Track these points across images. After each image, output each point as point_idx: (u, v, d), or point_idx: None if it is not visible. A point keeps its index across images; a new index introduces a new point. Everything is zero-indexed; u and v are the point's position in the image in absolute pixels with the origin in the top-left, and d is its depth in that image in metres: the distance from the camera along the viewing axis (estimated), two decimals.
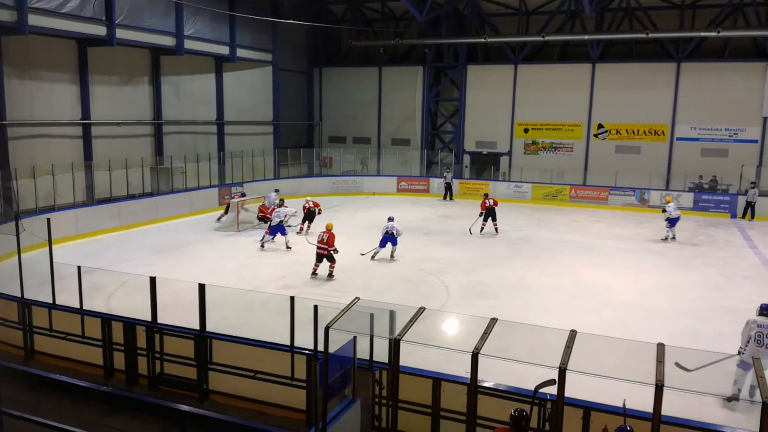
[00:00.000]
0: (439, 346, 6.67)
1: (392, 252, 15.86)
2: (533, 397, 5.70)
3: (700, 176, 25.94)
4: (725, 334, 10.61)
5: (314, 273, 14.14)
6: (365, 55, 32.84)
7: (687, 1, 26.24)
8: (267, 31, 27.86)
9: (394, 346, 6.34)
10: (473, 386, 5.96)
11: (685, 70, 26.64)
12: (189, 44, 22.99)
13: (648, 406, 5.23)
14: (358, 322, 6.66)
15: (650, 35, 25.37)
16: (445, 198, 27.53)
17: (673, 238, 18.72)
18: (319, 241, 14.03)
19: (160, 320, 8.40)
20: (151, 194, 21.53)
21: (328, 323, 6.03)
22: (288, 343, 7.64)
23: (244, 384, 7.88)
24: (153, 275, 8.54)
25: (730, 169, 25.77)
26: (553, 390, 5.51)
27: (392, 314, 6.72)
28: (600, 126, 28.37)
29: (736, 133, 26.31)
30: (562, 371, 5.31)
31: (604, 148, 28.33)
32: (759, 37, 25.11)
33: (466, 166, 30.58)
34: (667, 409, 5.33)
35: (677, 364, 7.57)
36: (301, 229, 19.06)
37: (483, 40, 27.91)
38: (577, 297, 12.81)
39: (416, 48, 31.17)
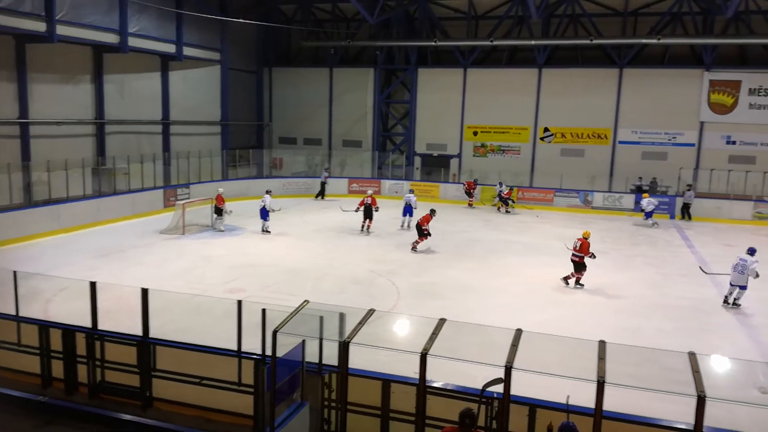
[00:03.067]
0: (389, 348, 6.66)
1: (408, 222, 19.90)
2: (480, 395, 5.76)
3: (640, 178, 26.91)
4: (664, 330, 11.05)
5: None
6: (316, 55, 32.70)
7: (629, 9, 27.20)
8: (215, 29, 27.38)
9: (343, 348, 6.30)
10: (422, 387, 5.99)
11: (627, 75, 27.62)
12: (133, 42, 22.34)
13: (590, 402, 5.36)
14: (307, 326, 6.59)
15: (594, 41, 26.17)
16: (317, 197, 27.27)
17: (655, 223, 22.36)
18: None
19: (101, 326, 8.10)
20: (92, 196, 20.78)
21: (276, 327, 5.95)
22: (235, 348, 7.49)
23: (190, 390, 7.67)
24: (94, 280, 8.23)
25: (669, 172, 26.86)
26: (500, 388, 5.58)
27: (342, 317, 6.68)
28: (546, 129, 29.09)
29: (675, 137, 27.44)
30: (508, 369, 5.39)
31: (550, 151, 29.06)
32: (696, 44, 26.26)
33: (417, 168, 30.82)
34: (610, 404, 5.51)
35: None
36: (363, 226, 19.90)
37: (433, 43, 28.23)
38: (524, 296, 13.08)
39: (367, 50, 31.28)
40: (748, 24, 25.39)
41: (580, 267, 13.91)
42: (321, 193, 27.35)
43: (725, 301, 12.76)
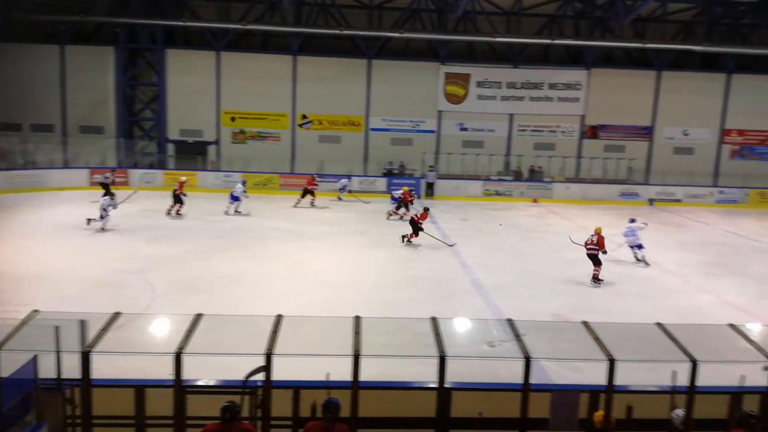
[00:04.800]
0: (138, 352, 6.19)
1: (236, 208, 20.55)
2: (243, 386, 5.63)
3: (390, 162, 28.98)
4: (416, 299, 12.03)
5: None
6: (44, 31, 28.56)
7: (375, 3, 28.84)
8: None
9: (83, 359, 5.62)
10: (178, 387, 5.62)
11: (376, 66, 29.36)
12: None
13: (351, 375, 5.56)
14: (41, 338, 5.76)
15: (344, 32, 27.24)
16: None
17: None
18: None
19: None
20: None
21: None
22: None
23: None
24: None
25: (415, 156, 29.37)
26: (263, 376, 5.51)
27: (82, 324, 5.93)
28: (304, 117, 29.60)
29: (418, 125, 30.04)
30: (269, 357, 5.33)
31: (309, 137, 29.67)
32: (432, 39, 28.95)
33: (171, 156, 29.01)
34: (371, 374, 5.78)
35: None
36: (394, 214, 21.31)
37: (182, 23, 26.67)
38: (290, 281, 13.14)
39: (106, 27, 28.24)
40: (474, 23, 28.77)
41: (597, 261, 13.85)
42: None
43: (637, 260, 15.67)
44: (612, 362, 5.42)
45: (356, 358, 5.37)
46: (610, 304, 12.26)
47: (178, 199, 20.63)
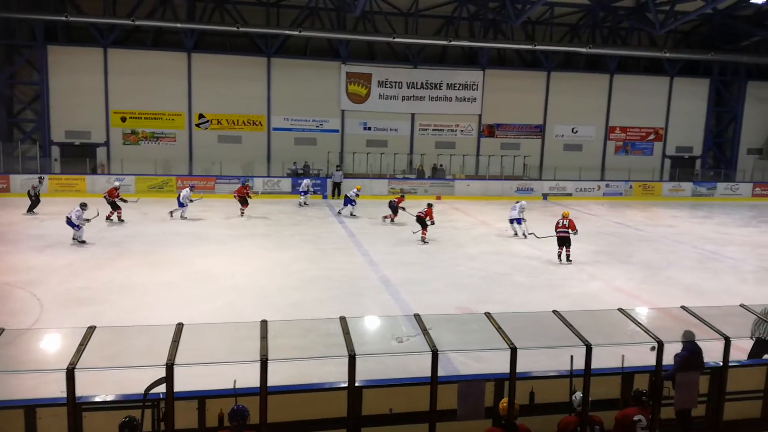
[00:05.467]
0: (26, 370, 5.71)
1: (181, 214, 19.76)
2: (143, 400, 5.33)
3: (295, 163, 28.64)
4: (322, 299, 11.94)
5: None
6: None
7: (272, 0, 28.34)
8: None
9: None
10: (72, 405, 5.23)
11: (276, 65, 28.89)
12: None
13: (258, 382, 5.41)
14: None
15: (241, 29, 26.57)
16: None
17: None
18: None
19: None
20: None
21: None
22: None
23: None
24: None
25: (320, 156, 29.20)
26: (165, 388, 5.24)
27: None
28: (201, 116, 28.61)
29: (322, 124, 29.90)
30: (170, 367, 5.07)
31: (207, 137, 28.72)
32: (332, 38, 28.88)
33: (56, 159, 27.06)
34: (280, 379, 5.65)
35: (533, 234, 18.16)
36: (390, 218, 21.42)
37: (64, 18, 24.91)
38: (192, 288, 12.63)
39: None
40: (373, 23, 29.00)
41: (569, 242, 15.68)
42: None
43: (516, 234, 18.91)
44: (514, 350, 5.61)
45: (263, 363, 5.23)
46: (511, 295, 12.77)
47: (114, 205, 19.68)
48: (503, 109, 31.47)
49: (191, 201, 20.81)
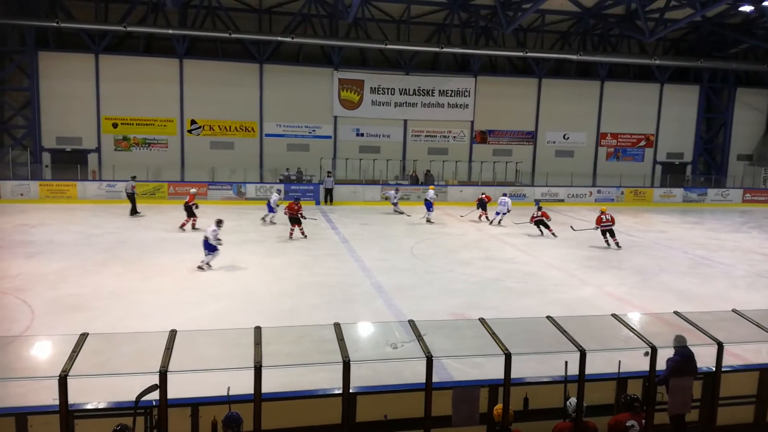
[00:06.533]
0: (17, 378, 5.65)
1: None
2: (135, 407, 5.28)
3: (287, 169, 28.60)
4: (316, 305, 11.90)
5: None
6: None
7: (264, 7, 28.36)
8: None
9: None
10: (64, 413, 5.18)
11: (268, 71, 28.88)
12: None
13: (252, 389, 5.37)
14: None
15: (233, 35, 26.58)
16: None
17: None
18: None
19: None
20: None
21: None
22: None
23: None
24: None
25: (312, 162, 29.18)
26: (158, 395, 5.20)
27: None
28: (193, 122, 28.55)
29: (314, 130, 29.90)
30: (163, 375, 5.03)
31: (199, 144, 28.64)
32: (325, 45, 28.91)
33: (47, 166, 26.90)
34: (274, 385, 5.62)
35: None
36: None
37: (55, 24, 24.84)
38: (182, 294, 12.56)
39: None
40: (365, 30, 29.07)
41: (612, 233, 18.46)
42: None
43: (491, 222, 22.35)
44: (508, 356, 5.61)
45: (257, 369, 5.19)
46: (504, 301, 12.77)
47: (190, 212, 19.81)
48: (495, 116, 31.60)
49: (278, 206, 21.24)
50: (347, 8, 23.93)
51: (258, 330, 5.67)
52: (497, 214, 22.48)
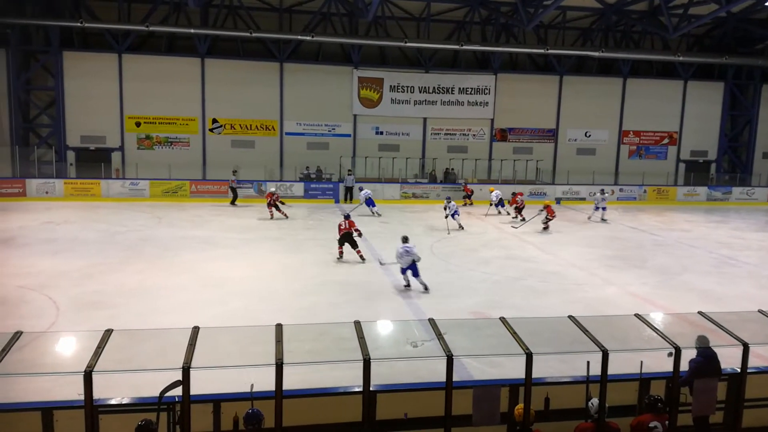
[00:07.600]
0: (43, 373, 5.74)
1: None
2: (159, 403, 5.34)
3: (307, 167, 28.72)
4: (336, 304, 11.93)
5: None
6: None
7: (284, 6, 28.49)
8: None
9: None
10: (89, 408, 5.26)
11: (288, 70, 29.01)
12: None
13: (273, 386, 5.41)
14: None
15: (254, 34, 26.73)
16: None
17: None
18: None
19: None
20: None
21: None
22: None
23: None
24: None
25: (331, 160, 29.26)
26: (180, 391, 5.25)
27: None
28: (215, 121, 28.79)
29: (334, 129, 29.97)
30: (186, 371, 5.08)
31: (220, 142, 28.88)
32: (345, 43, 28.96)
33: (71, 164, 27.35)
34: (294, 383, 5.65)
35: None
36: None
37: (79, 24, 25.22)
38: (203, 292, 12.67)
39: None
40: (385, 28, 29.06)
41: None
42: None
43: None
44: (529, 356, 5.57)
45: (279, 366, 5.22)
46: (525, 300, 12.69)
47: (276, 207, 21.84)
48: (516, 114, 31.38)
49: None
50: (367, 6, 23.93)
51: (279, 327, 5.69)
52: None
